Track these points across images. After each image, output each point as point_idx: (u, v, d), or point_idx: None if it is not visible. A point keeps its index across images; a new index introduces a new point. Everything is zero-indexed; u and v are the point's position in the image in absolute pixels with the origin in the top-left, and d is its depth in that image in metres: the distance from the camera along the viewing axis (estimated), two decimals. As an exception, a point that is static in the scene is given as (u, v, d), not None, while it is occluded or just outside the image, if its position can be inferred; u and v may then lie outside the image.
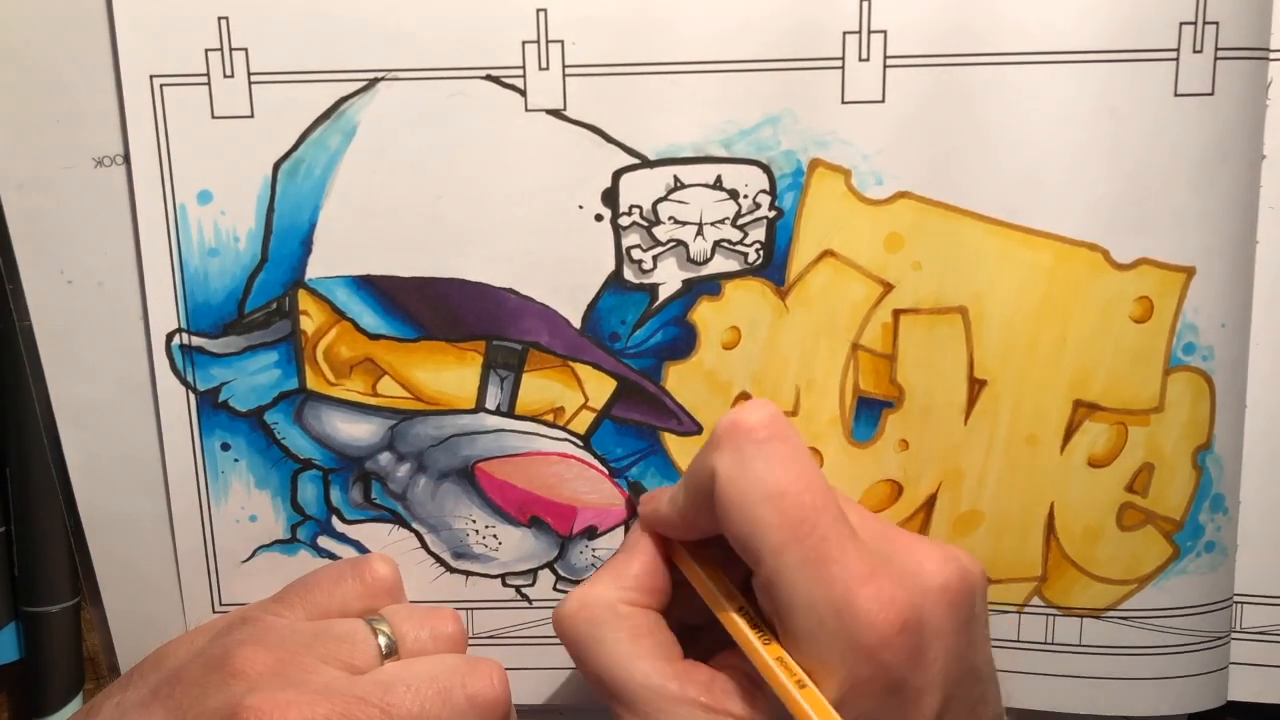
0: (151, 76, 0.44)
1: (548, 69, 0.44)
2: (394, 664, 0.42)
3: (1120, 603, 0.48)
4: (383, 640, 0.42)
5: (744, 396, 0.47)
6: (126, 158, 0.44)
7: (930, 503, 0.47)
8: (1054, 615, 0.48)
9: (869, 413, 0.47)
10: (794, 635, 0.37)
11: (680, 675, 0.40)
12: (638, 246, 0.45)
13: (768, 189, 0.45)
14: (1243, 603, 0.49)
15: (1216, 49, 0.42)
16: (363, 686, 0.39)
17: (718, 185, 0.45)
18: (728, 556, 0.41)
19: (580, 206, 0.45)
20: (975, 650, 0.41)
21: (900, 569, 0.38)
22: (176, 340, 0.46)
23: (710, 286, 0.46)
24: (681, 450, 0.47)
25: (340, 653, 0.41)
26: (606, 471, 0.48)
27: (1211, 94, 0.43)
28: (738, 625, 0.40)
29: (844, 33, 0.43)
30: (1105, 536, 0.47)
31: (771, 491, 0.37)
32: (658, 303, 0.46)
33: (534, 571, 0.49)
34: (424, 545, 0.48)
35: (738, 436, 0.39)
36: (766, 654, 0.38)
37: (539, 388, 0.47)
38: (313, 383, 0.47)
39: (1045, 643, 0.48)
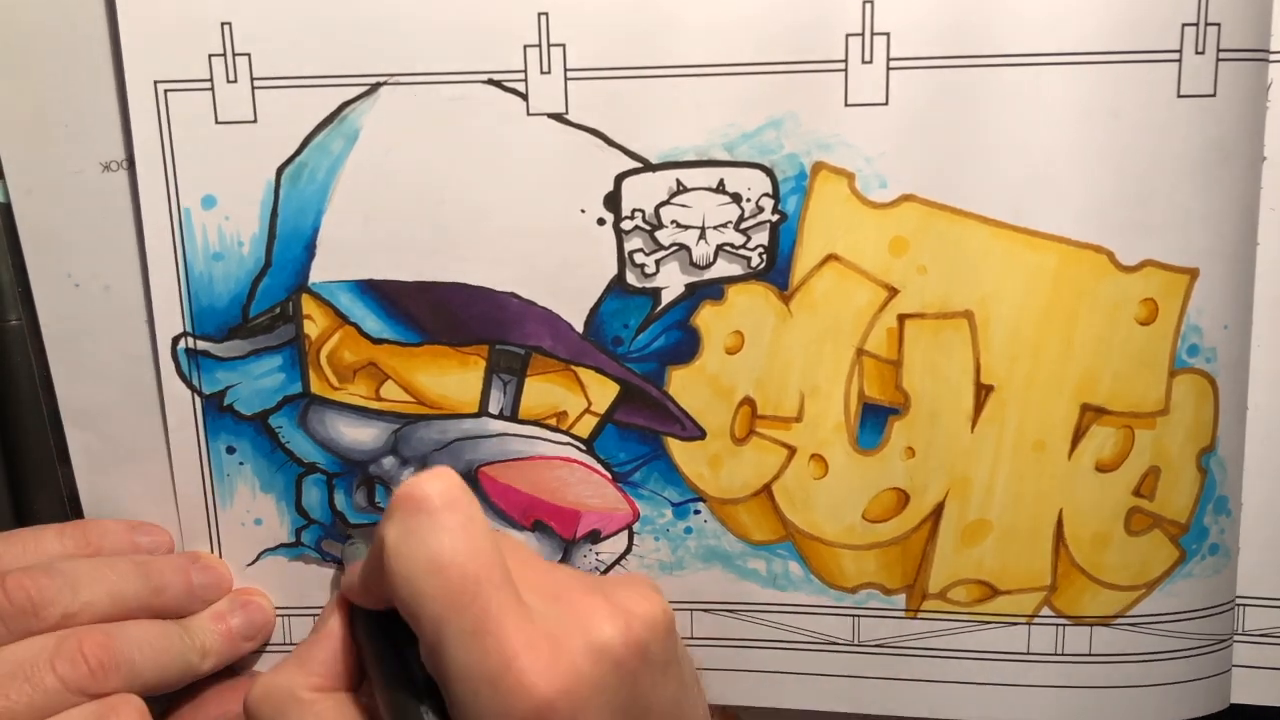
0: (155, 82, 0.44)
1: (549, 73, 0.44)
2: None
3: (1129, 609, 0.47)
4: None
5: (748, 401, 0.46)
6: (131, 163, 0.45)
7: (938, 512, 0.47)
8: (1064, 625, 0.48)
9: (875, 419, 0.47)
10: (455, 706, 0.37)
11: None
12: (640, 250, 0.45)
13: (771, 192, 0.45)
14: (1245, 605, 0.49)
15: (1218, 50, 0.42)
16: None
17: (720, 189, 0.45)
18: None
19: (582, 210, 0.45)
20: (656, 695, 0.40)
21: (564, 632, 0.38)
22: (182, 344, 0.47)
23: (713, 290, 0.46)
24: (685, 455, 0.47)
25: None
26: (609, 476, 0.48)
27: (1213, 95, 0.43)
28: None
29: (847, 35, 0.43)
30: (1114, 542, 0.46)
31: (434, 563, 0.37)
32: (660, 307, 0.46)
33: (537, 576, 0.49)
34: (427, 550, 0.48)
35: (408, 506, 0.38)
36: None
37: (542, 392, 0.47)
38: (317, 387, 0.47)
39: (1055, 654, 0.48)
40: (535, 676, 0.36)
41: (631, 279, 0.46)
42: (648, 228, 0.45)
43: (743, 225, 0.45)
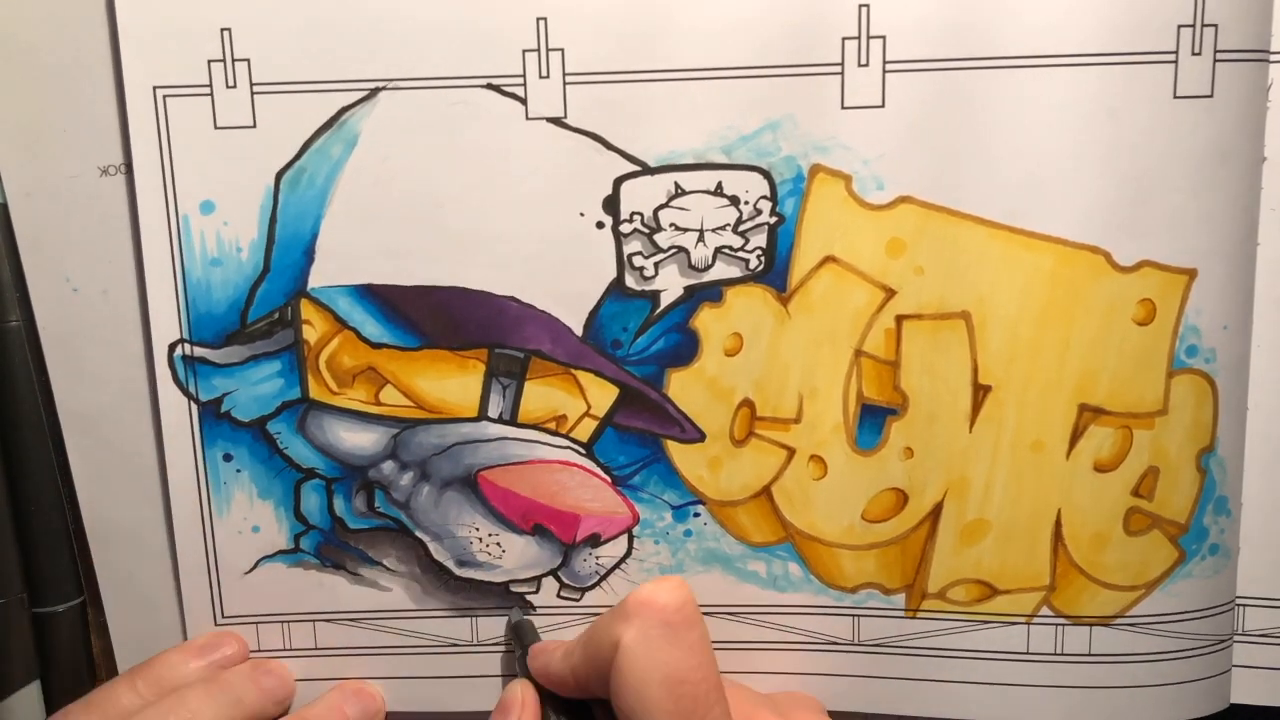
0: (155, 87, 0.44)
1: (548, 77, 0.44)
2: None
3: (1128, 609, 0.47)
4: None
5: (747, 403, 0.47)
6: (129, 167, 0.45)
7: (936, 512, 0.47)
8: (1063, 625, 0.48)
9: (873, 420, 0.47)
10: None
11: None
12: (639, 253, 0.45)
13: (769, 195, 0.45)
14: (1245, 605, 0.49)
15: (1215, 51, 0.42)
16: None
17: (719, 191, 0.45)
18: None
19: (581, 214, 0.45)
20: None
21: None
22: (179, 351, 0.46)
23: (712, 293, 0.46)
24: (684, 458, 0.47)
25: None
26: (609, 479, 0.48)
27: (1211, 96, 0.43)
28: None
29: (843, 38, 0.43)
30: (1113, 542, 0.47)
31: (670, 676, 0.39)
32: (659, 310, 0.46)
33: (538, 579, 0.49)
34: (428, 553, 0.48)
35: (649, 614, 0.39)
36: None
37: (541, 395, 0.47)
38: (315, 392, 0.47)
39: (1055, 653, 0.48)
40: None
41: (630, 282, 0.46)
42: (646, 231, 0.45)
43: (741, 227, 0.45)
